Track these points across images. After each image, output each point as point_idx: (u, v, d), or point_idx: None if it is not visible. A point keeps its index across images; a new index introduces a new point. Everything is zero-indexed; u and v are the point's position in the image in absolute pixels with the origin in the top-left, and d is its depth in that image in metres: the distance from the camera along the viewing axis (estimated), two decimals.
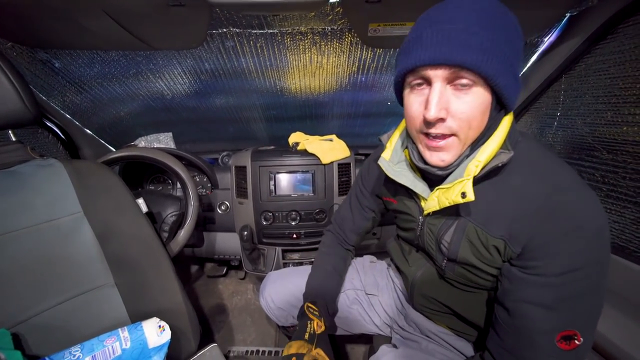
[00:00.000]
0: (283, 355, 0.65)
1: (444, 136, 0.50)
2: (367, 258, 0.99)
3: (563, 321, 0.49)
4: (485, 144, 0.52)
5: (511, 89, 0.47)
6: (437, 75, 0.46)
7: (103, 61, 1.07)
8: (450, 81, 0.47)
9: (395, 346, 0.78)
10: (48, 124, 1.13)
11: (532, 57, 1.03)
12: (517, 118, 1.19)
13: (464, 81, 0.46)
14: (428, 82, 0.49)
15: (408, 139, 0.60)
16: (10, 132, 0.70)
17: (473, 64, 0.43)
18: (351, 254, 0.94)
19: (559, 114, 0.99)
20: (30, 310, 0.62)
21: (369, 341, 0.95)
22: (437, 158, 0.53)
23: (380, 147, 0.70)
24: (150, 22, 0.82)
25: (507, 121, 0.53)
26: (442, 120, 0.48)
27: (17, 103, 0.62)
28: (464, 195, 0.51)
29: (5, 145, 0.69)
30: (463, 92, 0.47)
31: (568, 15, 0.84)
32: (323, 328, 0.71)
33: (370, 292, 0.88)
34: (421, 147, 0.55)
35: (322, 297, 0.80)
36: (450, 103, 0.48)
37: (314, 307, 0.75)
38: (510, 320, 0.53)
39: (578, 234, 0.46)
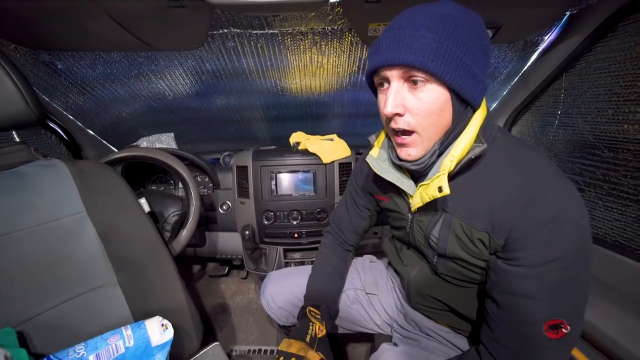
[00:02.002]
0: (280, 349, 0.66)
1: (405, 132, 0.55)
2: (367, 258, 1.00)
3: (548, 311, 0.50)
4: (458, 139, 0.55)
5: (467, 86, 0.50)
6: (393, 74, 0.52)
7: (105, 62, 1.08)
8: (406, 79, 0.52)
9: (396, 344, 0.78)
10: (51, 124, 1.14)
11: (532, 55, 1.03)
12: (517, 117, 1.19)
13: (416, 79, 0.50)
14: (388, 82, 0.53)
15: (387, 137, 0.64)
16: (14, 133, 0.71)
17: (419, 63, 0.48)
18: (351, 254, 0.94)
19: (559, 112, 0.99)
20: (34, 309, 0.63)
21: (370, 340, 0.95)
22: (405, 153, 0.57)
23: (370, 146, 0.72)
24: (151, 24, 0.83)
25: (478, 117, 0.55)
26: (399, 115, 0.53)
27: (21, 104, 0.63)
28: (440, 189, 0.54)
29: (9, 146, 0.69)
30: (417, 89, 0.51)
31: (568, 13, 0.84)
32: (324, 332, 0.72)
33: (370, 292, 0.89)
34: (394, 143, 0.60)
35: (323, 299, 0.80)
36: (407, 100, 0.52)
37: (316, 310, 0.75)
38: (499, 312, 0.54)
39: (555, 224, 0.48)
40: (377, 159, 0.67)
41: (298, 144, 1.28)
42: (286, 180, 1.24)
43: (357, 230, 0.88)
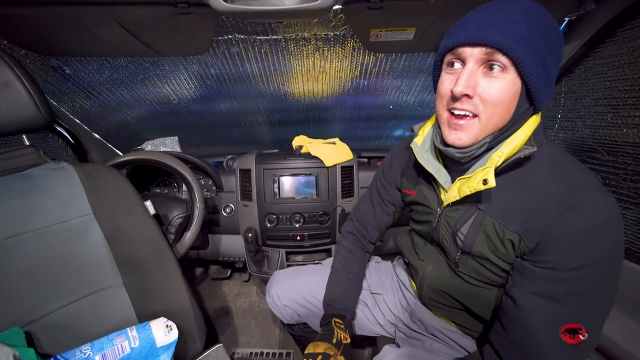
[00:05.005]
0: (307, 352, 0.67)
1: (466, 115, 0.53)
2: (373, 259, 1.00)
3: (569, 314, 0.50)
4: (511, 137, 0.54)
5: (542, 83, 0.50)
6: (473, 54, 0.50)
7: (112, 67, 1.10)
8: (483, 63, 0.50)
9: (398, 346, 0.78)
10: (58, 128, 1.16)
11: None
12: None
13: (496, 64, 0.49)
14: (463, 62, 0.52)
15: (435, 123, 0.63)
16: (24, 136, 0.73)
17: (508, 46, 0.46)
18: (369, 256, 0.95)
19: (559, 116, 1.00)
20: (42, 309, 0.64)
21: (373, 343, 0.95)
22: (454, 137, 0.55)
23: (407, 139, 0.74)
24: (158, 30, 0.85)
25: (534, 119, 0.55)
26: (468, 97, 0.51)
27: (32, 109, 0.64)
28: (485, 182, 0.53)
29: (19, 149, 0.71)
30: (493, 76, 0.50)
31: (567, 19, 0.86)
32: (349, 340, 0.73)
33: (376, 292, 0.89)
34: (443, 127, 0.57)
35: (347, 309, 0.81)
36: (479, 84, 0.50)
37: (340, 321, 0.77)
38: (517, 310, 0.54)
39: (593, 232, 0.48)
40: (421, 147, 0.67)
41: (300, 147, 1.30)
42: (289, 184, 1.25)
43: (380, 226, 0.88)
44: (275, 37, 0.97)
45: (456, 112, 0.54)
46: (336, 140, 1.34)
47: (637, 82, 0.75)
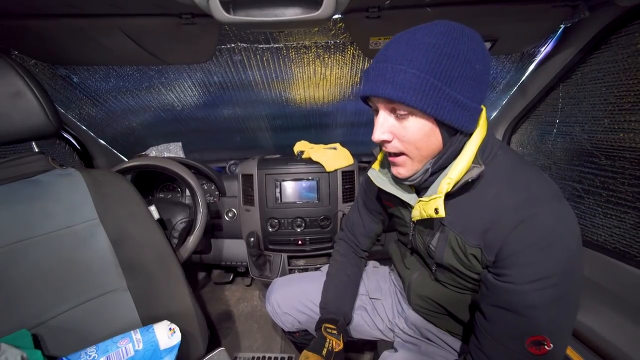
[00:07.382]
0: None
1: (396, 154, 0.57)
2: (371, 263, 1.01)
3: (532, 327, 0.51)
4: (456, 161, 0.56)
5: (453, 115, 0.50)
6: (380, 103, 0.54)
7: (118, 75, 1.13)
8: (391, 110, 0.53)
9: (396, 350, 0.79)
10: (65, 135, 1.18)
11: (530, 66, 1.06)
12: (517, 125, 1.21)
13: (400, 111, 0.52)
14: (377, 109, 0.56)
15: None
16: (33, 143, 0.75)
17: (398, 98, 0.48)
18: (364, 261, 0.95)
19: (558, 121, 1.01)
20: (49, 312, 0.65)
21: (373, 347, 0.96)
22: (396, 171, 0.60)
23: (375, 158, 0.75)
24: (163, 39, 0.87)
25: (476, 138, 0.55)
26: (387, 141, 0.56)
27: (42, 117, 0.66)
28: (436, 211, 0.56)
29: (29, 156, 0.73)
30: (403, 119, 0.52)
31: (562, 26, 0.87)
32: (341, 346, 0.74)
33: (374, 297, 0.90)
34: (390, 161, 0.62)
35: (340, 312, 0.82)
36: (394, 127, 0.54)
37: (332, 326, 0.78)
38: (486, 323, 0.56)
39: (542, 245, 0.49)
40: (379, 171, 0.69)
41: (302, 152, 1.31)
42: (290, 188, 1.26)
43: (370, 234, 0.90)
44: (276, 45, 1.00)
45: (388, 152, 0.58)
46: (337, 145, 1.35)
47: (632, 87, 0.76)
